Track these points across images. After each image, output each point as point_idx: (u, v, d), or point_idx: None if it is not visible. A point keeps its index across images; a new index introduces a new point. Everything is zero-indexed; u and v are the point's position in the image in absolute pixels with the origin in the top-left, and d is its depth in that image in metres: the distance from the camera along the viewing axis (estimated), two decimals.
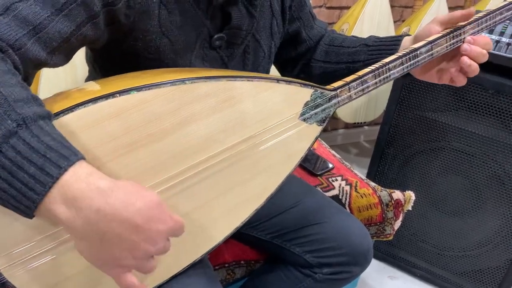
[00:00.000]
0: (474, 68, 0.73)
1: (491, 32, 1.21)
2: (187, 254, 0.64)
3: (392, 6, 1.94)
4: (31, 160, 0.42)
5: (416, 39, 0.78)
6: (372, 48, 0.84)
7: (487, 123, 1.23)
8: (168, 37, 0.65)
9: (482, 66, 0.79)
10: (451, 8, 2.16)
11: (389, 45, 0.82)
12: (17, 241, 0.50)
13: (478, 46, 0.73)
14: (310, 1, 0.90)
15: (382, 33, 1.88)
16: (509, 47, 1.17)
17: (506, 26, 1.20)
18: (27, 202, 0.42)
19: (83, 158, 0.45)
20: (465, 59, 0.73)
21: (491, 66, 1.18)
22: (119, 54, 0.66)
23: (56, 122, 0.49)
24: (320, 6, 1.99)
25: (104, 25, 0.59)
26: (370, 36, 0.88)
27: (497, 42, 1.19)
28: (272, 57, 0.84)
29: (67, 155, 0.44)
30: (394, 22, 1.97)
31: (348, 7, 2.04)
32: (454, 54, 0.76)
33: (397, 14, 2.22)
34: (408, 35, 0.82)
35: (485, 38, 0.74)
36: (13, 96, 0.44)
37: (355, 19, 1.83)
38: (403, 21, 2.25)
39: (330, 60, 0.90)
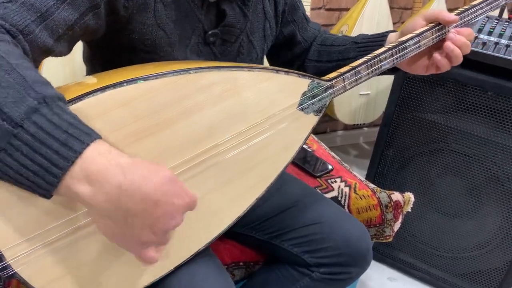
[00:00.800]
0: (457, 53, 0.77)
1: (489, 34, 1.21)
2: (194, 241, 0.65)
3: (391, 8, 1.94)
4: (54, 136, 0.42)
5: (402, 33, 0.82)
6: (361, 45, 0.87)
7: (486, 125, 1.23)
8: (164, 30, 0.66)
9: (481, 67, 0.80)
10: (450, 10, 2.17)
11: (376, 40, 0.86)
12: (25, 233, 0.50)
13: (462, 36, 0.77)
14: (309, 3, 0.93)
15: None
16: (508, 48, 1.18)
17: (504, 28, 1.20)
18: (49, 178, 0.43)
19: (100, 137, 0.46)
20: (448, 43, 0.77)
21: (490, 68, 1.18)
22: (116, 48, 0.67)
23: None
24: (320, 8, 1.99)
25: (104, 15, 0.61)
26: (359, 34, 0.91)
27: (496, 43, 1.19)
28: (263, 58, 0.87)
29: (88, 132, 0.44)
30: (394, 23, 1.98)
31: (347, 9, 2.04)
32: (439, 46, 0.79)
33: (396, 15, 2.22)
34: (395, 31, 0.86)
35: (468, 29, 0.78)
36: (31, 77, 0.45)
37: (354, 20, 1.83)
38: (402, 22, 2.25)
39: (322, 59, 0.93)
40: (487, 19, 1.25)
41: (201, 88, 0.58)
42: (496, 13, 1.29)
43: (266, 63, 1.01)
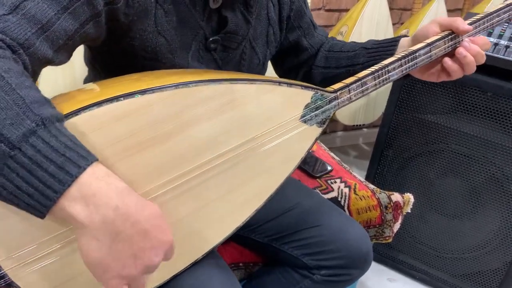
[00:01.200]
0: (469, 61, 0.74)
1: (489, 35, 1.21)
2: (188, 254, 0.64)
3: (391, 9, 1.94)
4: (50, 159, 0.43)
5: (414, 39, 0.79)
6: (371, 50, 0.85)
7: (486, 126, 1.23)
8: (164, 37, 0.66)
9: (480, 68, 0.79)
10: (449, 11, 2.17)
11: (387, 46, 0.83)
12: (22, 243, 0.50)
13: (477, 46, 0.74)
14: (309, 5, 0.91)
15: (381, 35, 1.89)
16: (508, 49, 1.18)
17: (504, 28, 1.20)
18: (44, 201, 0.43)
19: (97, 159, 0.46)
20: (461, 49, 0.74)
21: (489, 68, 1.18)
22: (117, 53, 0.67)
23: None
24: (319, 9, 1.99)
25: (105, 23, 0.60)
26: (369, 40, 0.89)
27: (496, 44, 1.19)
28: (266, 64, 0.85)
29: (86, 155, 0.44)
30: (393, 24, 1.98)
31: (347, 10, 2.04)
32: (452, 54, 0.77)
33: (396, 16, 2.22)
34: (406, 36, 0.83)
35: (484, 38, 0.75)
36: (30, 97, 0.45)
37: (354, 21, 1.83)
38: (402, 23, 2.25)
39: (330, 66, 0.91)
40: None
41: (200, 102, 0.58)
42: None
43: (270, 68, 1.00)
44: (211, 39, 0.71)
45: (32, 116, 0.43)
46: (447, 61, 0.76)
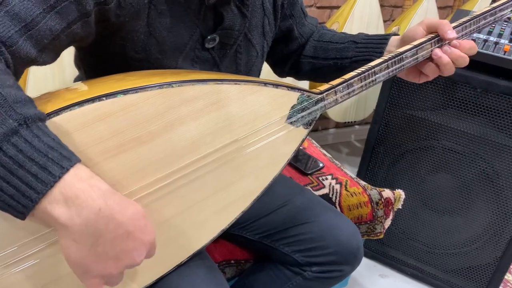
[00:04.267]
0: (445, 62, 0.73)
1: (479, 31, 1.21)
2: (173, 256, 0.64)
3: (382, 6, 1.95)
4: (33, 159, 0.42)
5: (403, 40, 0.79)
6: (360, 45, 0.84)
7: (476, 122, 1.24)
8: (155, 37, 0.65)
9: (470, 65, 0.79)
10: (440, 8, 2.18)
11: (377, 43, 0.82)
12: (3, 244, 0.49)
13: (459, 50, 0.74)
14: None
15: (371, 32, 1.89)
16: (497, 46, 1.18)
17: (493, 25, 1.21)
18: (25, 201, 0.42)
19: (80, 161, 0.45)
20: (436, 50, 0.74)
21: (479, 65, 1.19)
22: (106, 53, 0.66)
23: None
24: (311, 6, 1.99)
25: (94, 23, 0.59)
26: (359, 33, 0.88)
27: (485, 41, 1.20)
28: (264, 56, 0.84)
29: (68, 156, 0.44)
30: (384, 21, 1.99)
31: (338, 7, 2.04)
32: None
33: (387, 13, 2.23)
34: (397, 34, 0.83)
35: (470, 42, 0.75)
36: (12, 96, 0.44)
37: (344, 18, 1.84)
38: (393, 20, 2.26)
39: (318, 56, 0.90)
40: None
41: (184, 102, 0.57)
42: None
43: (266, 67, 0.99)
44: (208, 37, 0.69)
45: (14, 115, 0.43)
46: (423, 62, 0.76)
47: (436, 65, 0.75)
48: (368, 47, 0.83)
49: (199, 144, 0.59)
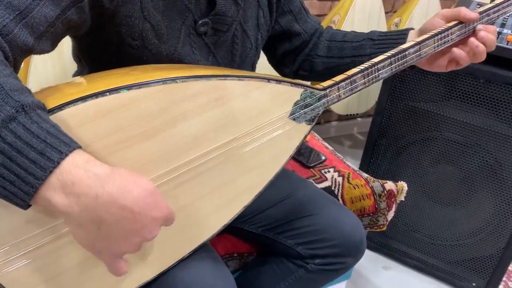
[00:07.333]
0: (481, 50, 0.75)
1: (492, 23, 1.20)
2: (177, 250, 0.64)
3: None
4: (31, 145, 0.42)
5: (421, 33, 0.79)
6: (378, 42, 0.84)
7: (479, 113, 1.24)
8: (150, 22, 0.65)
9: None
10: (442, 0, 2.16)
11: (396, 38, 0.83)
12: (4, 241, 0.49)
13: (488, 33, 0.75)
14: None
15: (373, 24, 1.88)
16: (500, 36, 1.17)
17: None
18: (26, 188, 0.42)
19: (80, 147, 0.45)
20: (472, 39, 0.75)
21: None
22: (104, 42, 0.66)
23: None
24: None
25: (89, 9, 0.59)
26: (372, 31, 0.88)
27: None
28: (259, 49, 0.84)
29: (67, 142, 0.44)
30: (386, 13, 1.97)
31: None
32: (459, 43, 0.77)
33: (388, 5, 2.21)
34: (412, 28, 0.83)
35: (492, 27, 0.76)
36: (9, 85, 0.44)
37: (346, 10, 1.82)
38: (395, 12, 2.24)
39: (333, 55, 0.90)
40: (478, 6, 1.24)
41: (188, 98, 0.57)
42: (487, 0, 1.29)
43: (268, 66, 0.99)
44: (200, 22, 0.70)
45: (12, 102, 0.43)
46: (455, 50, 0.76)
47: (467, 53, 0.76)
48: (387, 43, 0.83)
49: (203, 140, 0.59)
